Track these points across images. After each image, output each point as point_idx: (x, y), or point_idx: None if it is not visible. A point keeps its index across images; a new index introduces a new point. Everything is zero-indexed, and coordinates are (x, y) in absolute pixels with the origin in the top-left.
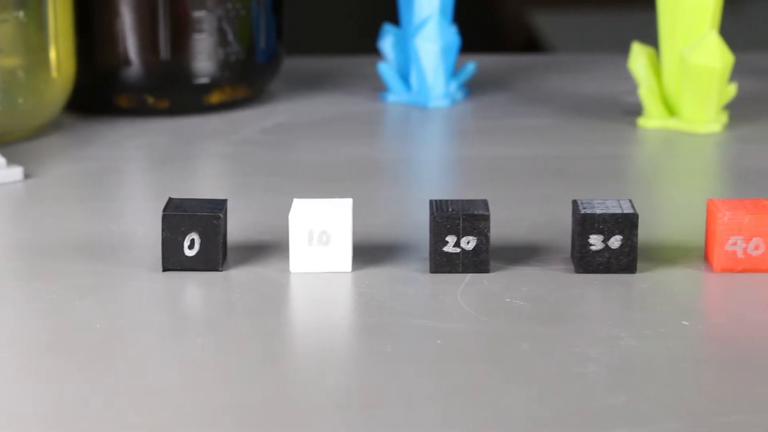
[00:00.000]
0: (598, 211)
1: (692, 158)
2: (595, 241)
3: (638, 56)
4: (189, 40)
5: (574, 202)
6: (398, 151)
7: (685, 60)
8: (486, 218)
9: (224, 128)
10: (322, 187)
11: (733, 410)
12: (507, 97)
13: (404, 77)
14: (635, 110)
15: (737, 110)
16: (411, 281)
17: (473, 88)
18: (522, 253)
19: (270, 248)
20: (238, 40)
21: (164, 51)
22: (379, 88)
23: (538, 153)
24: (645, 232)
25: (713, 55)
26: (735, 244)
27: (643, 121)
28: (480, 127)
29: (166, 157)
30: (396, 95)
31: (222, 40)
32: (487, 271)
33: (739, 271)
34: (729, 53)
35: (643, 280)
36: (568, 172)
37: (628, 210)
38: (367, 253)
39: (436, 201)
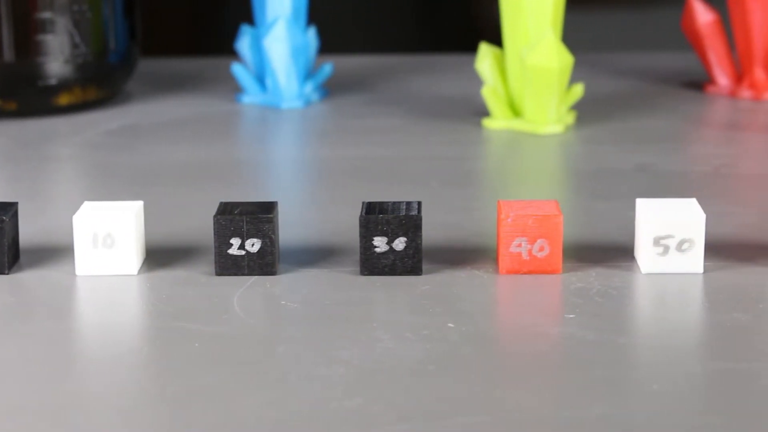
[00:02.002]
0: (383, 213)
1: (528, 159)
2: (380, 243)
3: (485, 57)
4: (34, 42)
5: (363, 204)
6: (238, 153)
7: (524, 61)
8: (270, 220)
9: (69, 130)
10: (141, 191)
11: (466, 411)
12: (364, 98)
13: (261, 78)
14: (485, 111)
15: (589, 110)
16: (194, 284)
17: (334, 89)
18: (316, 255)
19: (65, 251)
20: (87, 41)
21: (9, 53)
22: (237, 89)
23: (377, 154)
24: (447, 234)
25: (550, 56)
26: (520, 245)
27: (487, 122)
28: (329, 128)
29: (1, 160)
30: (251, 96)
31: (69, 42)
32: (273, 273)
33: (525, 273)
34: (567, 54)
35: (426, 281)
36: (399, 172)
37: (413, 212)
38: (162, 255)
39: (224, 203)
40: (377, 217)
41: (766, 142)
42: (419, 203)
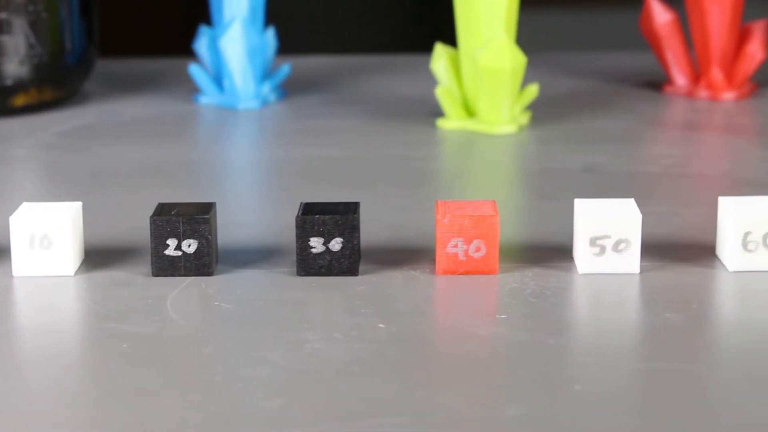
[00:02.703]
0: (319, 214)
1: (480, 159)
2: (316, 244)
3: (439, 57)
4: None
5: (301, 205)
6: (192, 153)
7: (476, 61)
8: (206, 221)
9: (25, 131)
10: (89, 191)
11: (386, 412)
12: (323, 98)
13: (219, 79)
14: (441, 111)
15: (545, 111)
16: (130, 285)
17: (293, 89)
18: (256, 256)
19: (2, 252)
20: (43, 42)
21: None
22: (195, 90)
23: (330, 154)
24: (389, 234)
25: (502, 57)
26: (456, 246)
27: (441, 122)
28: (284, 128)
29: None
30: (208, 97)
31: (24, 42)
32: (210, 274)
33: (461, 273)
34: (520, 54)
35: (363, 282)
36: (350, 173)
37: (351, 212)
38: (101, 256)
39: (162, 204)
40: (313, 217)
41: (719, 142)
42: (357, 204)
